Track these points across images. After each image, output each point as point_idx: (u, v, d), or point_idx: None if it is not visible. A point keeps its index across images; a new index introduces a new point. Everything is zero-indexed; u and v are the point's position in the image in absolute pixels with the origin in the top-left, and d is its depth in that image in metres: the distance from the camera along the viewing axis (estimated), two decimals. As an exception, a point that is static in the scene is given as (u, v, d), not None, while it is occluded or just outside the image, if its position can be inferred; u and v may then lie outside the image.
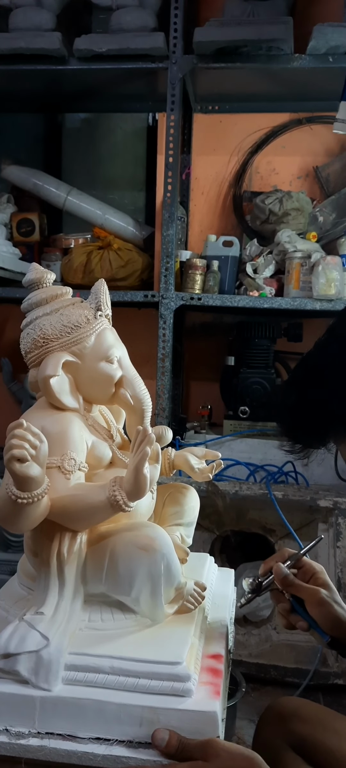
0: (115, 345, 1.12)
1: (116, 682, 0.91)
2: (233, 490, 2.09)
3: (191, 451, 1.28)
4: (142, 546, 0.98)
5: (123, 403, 1.13)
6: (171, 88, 2.43)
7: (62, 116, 3.18)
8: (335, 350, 0.90)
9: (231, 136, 2.85)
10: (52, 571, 0.97)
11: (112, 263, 2.73)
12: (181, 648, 0.96)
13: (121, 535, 1.00)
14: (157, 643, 0.97)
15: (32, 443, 0.87)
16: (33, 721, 0.88)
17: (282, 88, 2.68)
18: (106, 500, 0.94)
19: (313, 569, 1.08)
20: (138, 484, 0.93)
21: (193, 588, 1.10)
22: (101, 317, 1.12)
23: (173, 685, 0.91)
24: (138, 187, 3.14)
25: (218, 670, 1.00)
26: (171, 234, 2.47)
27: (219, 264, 2.55)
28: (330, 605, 1.02)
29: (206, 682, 0.95)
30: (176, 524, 1.22)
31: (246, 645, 2.09)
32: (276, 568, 1.04)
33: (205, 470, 1.25)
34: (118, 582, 0.98)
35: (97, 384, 1.10)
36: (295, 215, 2.59)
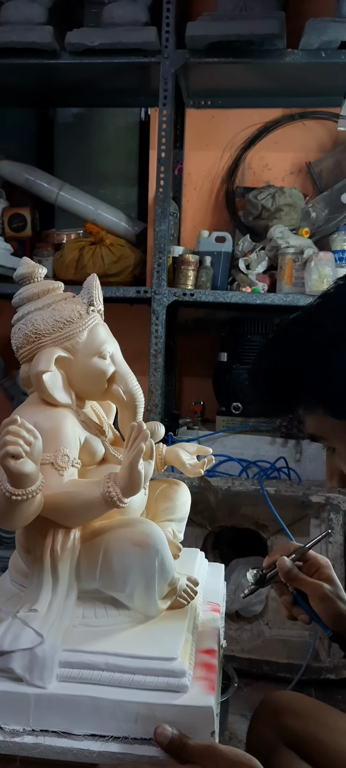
0: (108, 340, 1.11)
1: (111, 679, 0.90)
2: (226, 486, 2.09)
3: (182, 447, 1.27)
4: (137, 542, 0.97)
5: (116, 398, 1.13)
6: (163, 83, 2.42)
7: (54, 111, 3.17)
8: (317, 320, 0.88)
9: (224, 131, 2.85)
10: (45, 567, 0.96)
11: (104, 259, 2.72)
12: (175, 643, 0.96)
13: (115, 532, 1.00)
14: (152, 638, 0.97)
15: (26, 439, 0.86)
16: (27, 719, 0.88)
17: (275, 84, 2.68)
18: (101, 497, 0.93)
19: (318, 563, 1.07)
20: (133, 481, 0.92)
21: (186, 583, 1.10)
22: (94, 312, 1.11)
23: (168, 680, 0.90)
24: (130, 182, 3.13)
25: (211, 665, 1.00)
26: (164, 229, 2.46)
27: (212, 260, 2.55)
28: (333, 600, 1.01)
29: (201, 678, 0.95)
30: (167, 520, 1.22)
31: (238, 640, 2.10)
32: (280, 561, 1.04)
33: (196, 466, 1.25)
34: (112, 578, 0.98)
35: (89, 380, 1.09)
36: (287, 211, 2.59)
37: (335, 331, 0.84)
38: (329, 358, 0.82)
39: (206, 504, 2.08)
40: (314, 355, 0.84)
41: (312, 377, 0.84)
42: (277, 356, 0.92)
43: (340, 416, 0.86)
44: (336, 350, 0.82)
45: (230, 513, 2.14)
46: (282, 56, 2.40)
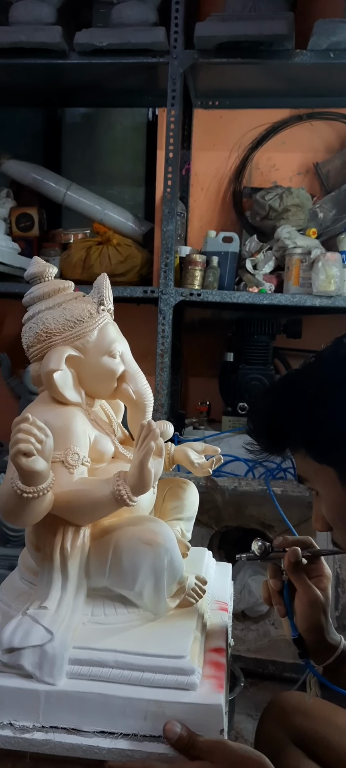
0: (118, 339, 1.12)
1: (121, 676, 0.91)
2: (232, 485, 2.09)
3: (190, 446, 1.28)
4: (146, 540, 0.98)
5: (125, 397, 1.14)
6: (172, 83, 2.42)
7: (62, 111, 3.17)
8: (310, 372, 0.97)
9: (231, 131, 2.85)
10: (55, 565, 0.97)
11: (111, 259, 2.72)
12: (184, 641, 0.97)
13: (124, 530, 1.00)
14: (161, 636, 0.98)
15: (38, 437, 0.87)
16: (37, 715, 0.89)
17: (283, 84, 2.68)
18: (111, 495, 0.94)
19: (322, 571, 1.07)
20: (143, 479, 0.93)
21: (194, 582, 1.11)
22: (104, 312, 1.12)
23: (178, 678, 0.91)
24: (138, 182, 3.13)
25: (220, 664, 1.01)
26: (171, 229, 2.46)
27: (219, 260, 2.55)
28: (318, 611, 1.02)
29: (209, 676, 0.96)
30: (176, 519, 1.23)
31: (244, 640, 2.10)
32: (294, 551, 1.03)
33: (205, 465, 1.26)
34: (122, 576, 0.99)
35: (99, 378, 1.10)
36: (295, 211, 2.59)
37: (322, 383, 0.91)
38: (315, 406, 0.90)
39: (212, 504, 2.08)
40: (302, 402, 0.91)
41: (299, 422, 0.91)
42: (273, 398, 1.00)
43: (320, 460, 0.92)
44: (322, 400, 0.89)
45: (236, 513, 2.14)
46: (291, 57, 2.40)
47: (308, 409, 0.90)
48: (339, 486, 0.91)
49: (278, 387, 1.03)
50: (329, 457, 0.91)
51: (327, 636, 1.02)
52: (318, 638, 1.02)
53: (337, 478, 0.91)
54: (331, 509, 0.95)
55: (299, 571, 1.03)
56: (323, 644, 1.02)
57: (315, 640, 1.02)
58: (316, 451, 0.92)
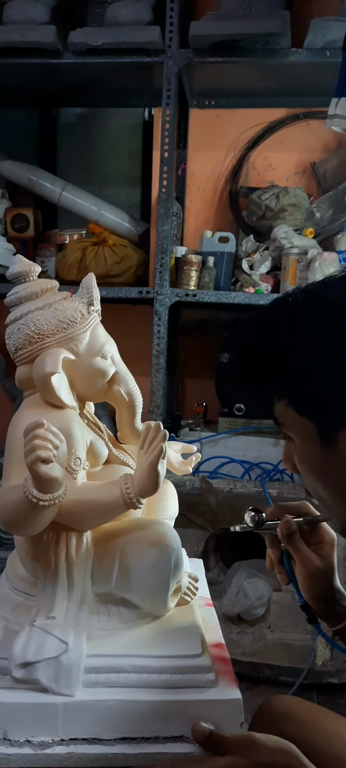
0: (108, 341, 1.11)
1: (138, 680, 0.90)
2: (227, 487, 2.07)
3: (168, 446, 1.27)
4: (154, 542, 0.97)
5: (116, 399, 1.12)
6: (167, 82, 2.41)
7: (57, 111, 3.16)
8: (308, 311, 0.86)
9: (227, 131, 2.83)
10: (60, 573, 0.95)
11: (107, 259, 2.71)
12: (194, 640, 0.96)
13: (131, 534, 0.99)
14: (171, 636, 0.97)
15: (54, 443, 0.85)
16: (56, 729, 0.86)
17: (279, 83, 2.66)
18: (120, 498, 0.93)
19: (322, 537, 1.02)
20: (151, 481, 0.92)
21: (188, 581, 1.10)
22: (94, 312, 1.10)
23: (195, 677, 0.91)
24: (134, 182, 3.12)
25: (226, 659, 1.00)
26: (166, 230, 2.45)
27: (215, 260, 2.53)
28: (317, 581, 0.99)
29: (221, 671, 0.95)
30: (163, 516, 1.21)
31: (240, 644, 2.08)
32: (286, 521, 0.99)
33: (185, 464, 1.25)
34: (129, 580, 0.97)
35: (91, 380, 1.08)
36: (291, 211, 2.57)
37: (318, 330, 0.82)
38: (305, 356, 0.82)
39: (208, 506, 2.06)
40: (292, 347, 0.83)
41: (285, 367, 0.83)
42: (258, 334, 0.90)
43: (301, 412, 0.85)
44: (314, 351, 0.81)
45: (232, 515, 2.12)
46: (286, 55, 2.38)
47: (298, 355, 0.82)
48: (317, 441, 0.84)
49: (269, 319, 0.90)
50: (312, 412, 0.84)
51: (335, 605, 0.99)
52: (325, 607, 0.99)
53: (316, 434, 0.84)
54: (304, 463, 0.90)
55: (296, 541, 0.99)
56: (332, 612, 0.99)
57: (321, 609, 1.00)
58: (299, 402, 0.85)
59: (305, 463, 0.90)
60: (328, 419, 0.83)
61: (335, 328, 0.81)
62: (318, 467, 0.88)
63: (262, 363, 0.88)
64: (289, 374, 0.84)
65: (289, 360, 0.83)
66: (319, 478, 0.89)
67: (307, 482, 0.93)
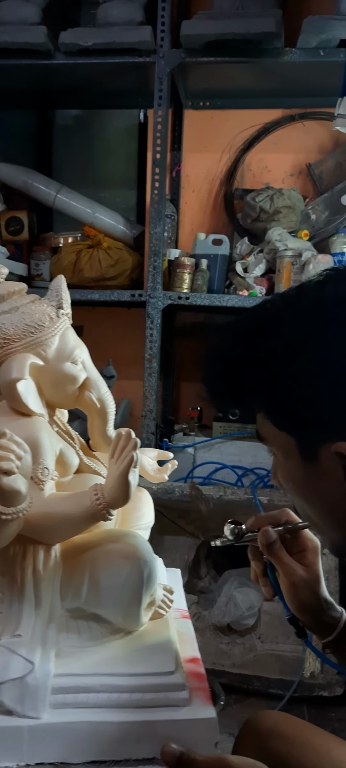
0: (79, 345, 1.07)
1: (109, 700, 0.86)
2: (218, 494, 2.03)
3: (144, 453, 1.24)
4: (126, 555, 0.94)
5: (88, 406, 1.09)
6: (158, 82, 2.38)
7: (53, 113, 3.14)
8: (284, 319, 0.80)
9: (223, 132, 2.80)
10: (26, 589, 0.91)
11: (101, 262, 2.68)
12: (167, 656, 0.92)
13: (102, 547, 0.96)
14: (144, 653, 0.93)
15: (17, 454, 0.81)
16: (21, 754, 0.82)
17: (274, 84, 2.63)
18: (89, 509, 0.89)
19: (305, 545, 0.98)
20: (122, 492, 0.89)
21: (163, 593, 1.06)
22: (64, 316, 1.07)
23: (168, 695, 0.87)
24: (130, 185, 3.09)
25: (201, 674, 0.96)
26: (159, 232, 2.42)
27: (208, 263, 2.50)
28: (301, 591, 0.94)
29: (195, 688, 0.91)
30: (137, 527, 1.18)
31: (230, 654, 2.04)
32: (265, 532, 0.94)
33: (160, 471, 1.21)
34: (99, 595, 0.94)
35: (61, 387, 1.05)
36: (286, 213, 2.53)
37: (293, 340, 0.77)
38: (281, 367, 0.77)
39: (198, 513, 2.03)
40: (268, 357, 0.78)
41: (261, 379, 0.79)
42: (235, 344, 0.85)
43: (280, 426, 0.80)
44: (289, 361, 0.76)
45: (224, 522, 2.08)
46: (280, 55, 2.35)
47: (273, 362, 0.77)
48: (298, 457, 0.80)
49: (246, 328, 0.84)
50: (290, 426, 0.79)
51: (323, 615, 0.95)
52: (310, 618, 0.95)
53: (297, 449, 0.79)
54: (287, 479, 0.85)
55: (277, 551, 0.94)
56: (320, 624, 0.95)
57: (308, 620, 0.95)
58: (277, 416, 0.80)
59: (289, 480, 0.86)
60: (307, 434, 0.78)
61: (310, 337, 0.76)
62: (301, 484, 0.83)
63: (238, 375, 0.83)
64: (265, 386, 0.79)
65: (265, 371, 0.78)
66: (303, 496, 0.85)
67: (294, 501, 0.89)
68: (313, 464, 0.78)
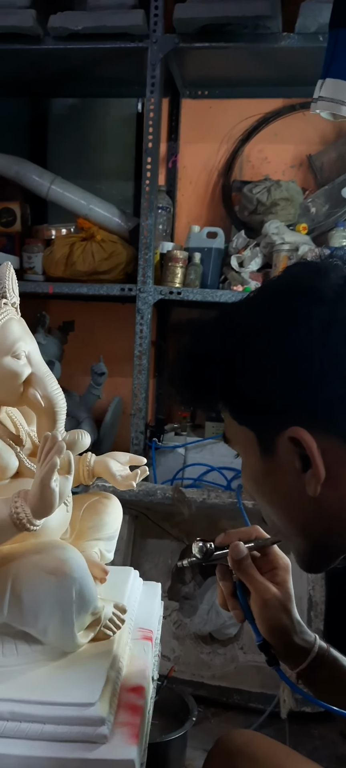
0: (23, 338, 0.99)
1: (17, 730, 0.78)
2: (201, 498, 1.94)
3: (113, 457, 1.15)
4: (51, 570, 0.86)
5: (32, 404, 1.01)
6: (151, 69, 2.29)
7: (48, 102, 3.06)
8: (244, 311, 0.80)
9: (221, 122, 2.71)
10: None
11: (94, 255, 2.60)
12: (94, 685, 0.84)
13: (25, 558, 0.88)
14: (68, 680, 0.85)
15: None
16: None
17: (274, 72, 2.53)
18: (9, 518, 0.82)
19: (276, 562, 0.93)
20: (44, 500, 0.81)
21: (112, 611, 0.98)
22: (7, 306, 0.99)
23: (84, 730, 0.78)
24: (126, 176, 3.00)
25: (137, 707, 0.88)
26: (150, 224, 2.34)
27: (202, 256, 2.41)
28: (274, 610, 0.89)
29: (124, 723, 0.83)
30: (95, 539, 1.10)
31: (210, 665, 1.94)
32: (235, 547, 0.90)
33: (128, 477, 1.12)
34: (22, 612, 0.86)
35: (1, 382, 0.97)
36: (284, 205, 2.44)
37: (250, 330, 0.76)
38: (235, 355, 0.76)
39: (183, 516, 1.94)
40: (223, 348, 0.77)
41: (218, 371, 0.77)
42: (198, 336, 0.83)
43: (240, 420, 0.78)
44: (242, 348, 0.75)
45: (209, 527, 1.99)
46: (277, 40, 2.25)
47: (228, 356, 0.76)
48: (258, 452, 0.77)
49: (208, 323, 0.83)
50: (249, 419, 0.77)
51: (295, 637, 0.90)
52: (283, 641, 0.89)
53: (256, 443, 0.77)
54: (248, 478, 0.82)
55: (247, 567, 0.89)
56: (292, 647, 0.90)
57: (281, 644, 0.90)
58: (235, 409, 0.79)
59: (250, 480, 0.82)
60: (265, 424, 0.76)
61: (264, 325, 0.75)
62: (262, 482, 0.80)
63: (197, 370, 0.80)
64: (223, 379, 0.77)
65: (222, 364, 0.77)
66: (264, 495, 0.81)
67: (259, 504, 0.84)
68: (271, 457, 0.76)
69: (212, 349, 0.78)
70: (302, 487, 0.73)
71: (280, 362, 0.72)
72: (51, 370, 2.70)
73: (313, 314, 0.71)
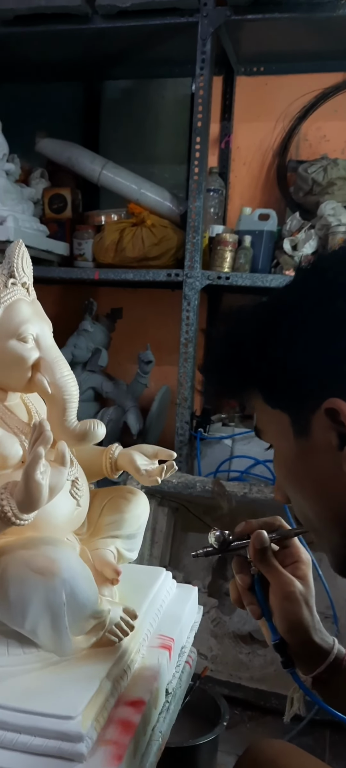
0: (31, 320, 0.93)
1: None
2: (242, 492, 1.85)
3: (139, 449, 1.08)
4: (38, 569, 0.80)
5: (41, 390, 0.95)
6: (201, 44, 2.20)
7: (101, 86, 3.01)
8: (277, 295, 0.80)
9: (277, 100, 2.58)
10: None
11: (144, 241, 2.54)
12: (80, 696, 0.77)
13: (14, 554, 0.82)
14: (56, 687, 0.79)
15: None
16: None
17: (333, 43, 2.39)
18: None
19: (298, 555, 0.88)
20: (30, 493, 0.76)
21: (120, 616, 0.91)
22: (15, 286, 0.93)
23: (60, 745, 0.72)
24: (180, 159, 2.92)
25: (130, 724, 0.81)
26: (198, 206, 2.25)
27: (252, 239, 2.30)
28: (298, 604, 0.83)
29: (110, 741, 0.76)
30: (112, 536, 1.03)
31: (249, 666, 1.85)
32: (258, 534, 0.85)
33: (153, 472, 1.04)
34: (9, 610, 0.81)
35: (6, 367, 0.92)
36: (341, 185, 2.30)
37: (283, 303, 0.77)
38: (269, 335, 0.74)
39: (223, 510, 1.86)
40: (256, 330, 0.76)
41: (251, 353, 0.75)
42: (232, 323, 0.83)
43: (273, 403, 0.76)
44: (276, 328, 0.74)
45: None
46: (335, 8, 2.12)
47: (263, 334, 0.75)
48: (291, 436, 0.75)
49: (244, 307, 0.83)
50: (283, 400, 0.76)
51: (315, 635, 0.84)
52: (303, 639, 0.84)
53: (290, 426, 0.75)
54: (280, 465, 0.80)
55: (269, 559, 0.85)
56: (311, 647, 0.84)
57: (300, 642, 0.85)
58: (269, 392, 0.77)
59: (283, 468, 0.80)
60: (299, 404, 0.74)
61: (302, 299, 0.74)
62: (295, 469, 0.77)
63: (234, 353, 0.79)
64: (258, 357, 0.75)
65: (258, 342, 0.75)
66: (297, 484, 0.78)
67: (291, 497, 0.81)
68: (306, 438, 0.73)
69: (246, 331, 0.77)
70: (338, 467, 0.70)
71: (315, 334, 0.70)
72: (97, 357, 2.67)
73: None
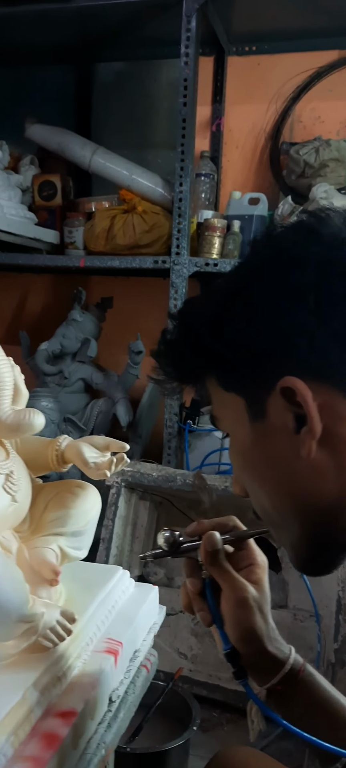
0: None
1: None
2: (223, 485, 1.78)
3: (90, 441, 1.01)
4: None
5: None
6: (186, 21, 2.12)
7: (92, 69, 2.94)
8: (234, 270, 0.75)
9: (270, 80, 2.50)
10: None
11: (135, 228, 2.47)
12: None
13: None
14: None
15: None
16: None
17: (328, 21, 2.30)
18: None
19: (254, 558, 0.83)
20: None
21: (56, 619, 0.85)
22: None
23: None
24: (173, 144, 2.84)
25: (55, 737, 0.74)
26: (185, 191, 2.18)
27: (242, 224, 2.22)
28: (250, 611, 0.77)
29: (29, 757, 0.70)
30: (55, 533, 0.97)
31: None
32: (210, 536, 0.80)
33: (102, 465, 0.98)
34: None
35: None
36: (334, 167, 2.21)
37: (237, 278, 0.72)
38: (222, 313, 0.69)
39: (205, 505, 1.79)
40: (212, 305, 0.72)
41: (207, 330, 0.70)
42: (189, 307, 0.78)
43: (228, 386, 0.71)
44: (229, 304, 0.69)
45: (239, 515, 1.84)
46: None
47: (216, 311, 0.70)
48: (247, 420, 0.70)
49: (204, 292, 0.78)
50: (238, 382, 0.71)
51: (269, 644, 0.78)
52: (256, 649, 0.78)
53: (245, 410, 0.70)
54: (237, 454, 0.75)
55: (221, 563, 0.80)
56: (265, 657, 0.78)
57: (252, 652, 0.79)
58: (223, 372, 0.71)
59: (239, 456, 0.74)
60: (254, 385, 0.69)
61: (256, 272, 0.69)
62: (251, 456, 0.72)
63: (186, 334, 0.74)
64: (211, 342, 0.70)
65: (210, 319, 0.70)
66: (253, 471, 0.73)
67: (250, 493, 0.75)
68: (262, 422, 0.69)
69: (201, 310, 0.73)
70: (295, 452, 0.66)
71: (270, 308, 0.65)
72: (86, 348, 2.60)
73: (308, 253, 0.65)
